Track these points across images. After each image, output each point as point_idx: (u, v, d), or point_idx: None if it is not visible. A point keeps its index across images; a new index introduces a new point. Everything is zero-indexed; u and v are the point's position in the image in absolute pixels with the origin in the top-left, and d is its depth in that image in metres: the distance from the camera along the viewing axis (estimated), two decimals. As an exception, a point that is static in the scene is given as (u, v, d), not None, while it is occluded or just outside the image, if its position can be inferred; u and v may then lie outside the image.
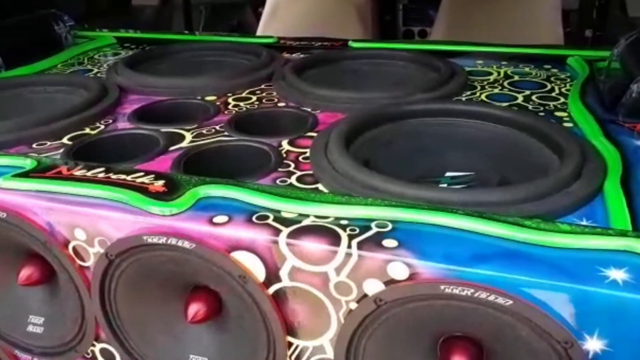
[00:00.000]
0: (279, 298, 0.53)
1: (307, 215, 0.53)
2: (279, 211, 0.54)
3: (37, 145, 0.75)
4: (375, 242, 0.49)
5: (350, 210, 0.53)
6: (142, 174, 0.60)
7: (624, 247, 0.47)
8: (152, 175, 0.60)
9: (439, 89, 0.87)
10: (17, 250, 0.64)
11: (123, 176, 0.60)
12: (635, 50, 0.87)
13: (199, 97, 0.90)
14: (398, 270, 0.47)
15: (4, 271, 0.66)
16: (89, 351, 0.66)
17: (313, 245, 0.49)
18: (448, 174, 0.71)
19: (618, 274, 0.44)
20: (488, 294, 0.45)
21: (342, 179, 0.60)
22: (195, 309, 0.56)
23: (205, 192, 0.57)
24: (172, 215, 0.54)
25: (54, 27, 1.20)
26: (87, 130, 0.79)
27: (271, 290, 0.53)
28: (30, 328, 0.68)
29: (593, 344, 0.44)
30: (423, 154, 0.74)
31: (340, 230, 0.50)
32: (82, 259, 0.59)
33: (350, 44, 1.17)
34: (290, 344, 0.55)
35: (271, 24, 2.23)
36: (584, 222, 0.52)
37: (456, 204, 0.53)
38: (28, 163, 0.64)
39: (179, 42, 1.19)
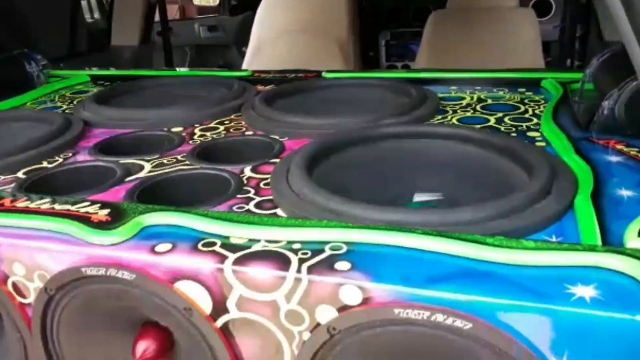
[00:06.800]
0: (227, 331, 0.49)
1: (258, 240, 0.50)
2: (227, 237, 0.51)
3: (-11, 179, 0.72)
4: (327, 266, 0.45)
5: (304, 233, 0.50)
6: (87, 203, 0.57)
7: (592, 263, 0.43)
8: (98, 205, 0.57)
9: (411, 113, 0.85)
10: None
11: (67, 206, 0.57)
12: (607, 68, 0.86)
13: (165, 129, 0.88)
14: (351, 295, 0.44)
15: None
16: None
17: (260, 271, 0.46)
18: (416, 197, 0.68)
19: (586, 291, 0.40)
20: (445, 316, 0.41)
21: (302, 203, 0.57)
22: (144, 346, 0.52)
23: (151, 221, 0.54)
24: (113, 245, 0.51)
25: (25, 67, 1.18)
26: (45, 164, 0.76)
27: (219, 322, 0.49)
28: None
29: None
30: (392, 177, 0.71)
31: (291, 254, 0.47)
32: (23, 296, 0.55)
33: (324, 74, 1.16)
34: (243, 381, 0.51)
35: (254, 62, 2.24)
36: (554, 239, 0.49)
37: (418, 225, 0.50)
38: (-29, 196, 0.61)
39: (150, 78, 1.18)
